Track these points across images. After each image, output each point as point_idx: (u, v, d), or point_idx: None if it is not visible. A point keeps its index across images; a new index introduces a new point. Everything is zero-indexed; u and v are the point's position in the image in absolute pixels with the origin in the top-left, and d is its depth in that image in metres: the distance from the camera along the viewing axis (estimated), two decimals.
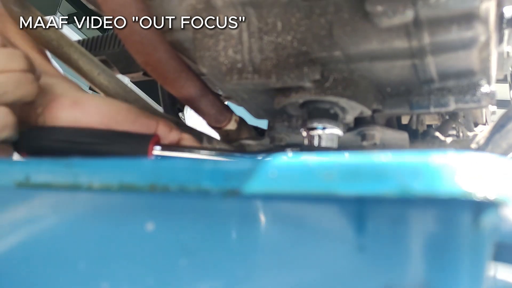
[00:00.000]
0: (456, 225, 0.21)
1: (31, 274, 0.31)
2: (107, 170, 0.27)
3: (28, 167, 0.30)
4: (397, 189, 0.20)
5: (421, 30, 0.33)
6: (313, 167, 0.22)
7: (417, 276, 0.21)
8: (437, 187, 0.19)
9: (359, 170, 0.21)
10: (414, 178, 0.19)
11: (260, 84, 0.39)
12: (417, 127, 0.57)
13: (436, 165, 0.19)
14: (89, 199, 0.29)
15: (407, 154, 0.20)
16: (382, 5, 0.32)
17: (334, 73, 0.39)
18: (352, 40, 0.36)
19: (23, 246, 0.31)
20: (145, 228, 0.27)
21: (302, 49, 0.38)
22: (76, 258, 0.29)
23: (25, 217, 0.32)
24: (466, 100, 0.38)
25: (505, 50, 0.48)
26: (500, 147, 0.45)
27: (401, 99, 0.41)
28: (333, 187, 0.21)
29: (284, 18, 0.38)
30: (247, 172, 0.23)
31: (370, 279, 0.22)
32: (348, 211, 0.23)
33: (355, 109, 0.41)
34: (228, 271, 0.25)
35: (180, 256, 0.26)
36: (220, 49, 0.40)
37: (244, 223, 0.25)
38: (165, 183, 0.25)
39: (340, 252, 0.23)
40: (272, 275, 0.24)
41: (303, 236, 0.24)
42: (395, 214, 0.22)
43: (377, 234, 0.22)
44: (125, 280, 0.28)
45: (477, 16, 0.32)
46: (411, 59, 0.36)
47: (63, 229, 0.30)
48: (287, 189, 0.22)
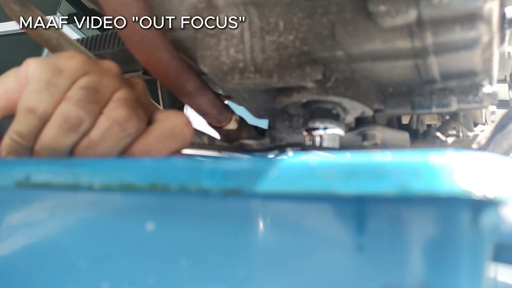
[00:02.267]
0: (455, 224, 0.21)
1: (31, 274, 0.31)
2: (108, 169, 0.27)
3: (28, 166, 0.29)
4: (396, 188, 0.20)
5: (424, 30, 0.33)
6: (313, 167, 0.22)
7: (416, 276, 0.21)
8: (436, 186, 0.19)
9: (358, 169, 0.21)
10: (414, 177, 0.20)
11: (261, 84, 0.39)
12: (417, 127, 0.57)
13: (436, 164, 0.19)
14: (89, 199, 0.29)
15: (406, 153, 0.20)
16: (385, 5, 0.32)
17: (336, 73, 0.39)
18: (355, 40, 0.36)
19: (23, 246, 0.31)
20: (146, 228, 0.27)
21: (304, 49, 0.37)
22: (77, 258, 0.29)
23: (25, 217, 0.32)
24: (468, 101, 0.38)
25: (506, 51, 0.48)
26: (501, 147, 0.45)
27: (402, 99, 0.41)
28: (333, 186, 0.21)
29: (286, 17, 0.37)
30: (248, 171, 0.23)
31: (369, 279, 0.22)
32: (348, 210, 0.23)
33: (356, 109, 0.41)
34: (229, 271, 0.25)
35: (181, 256, 0.26)
36: (221, 49, 0.40)
37: (244, 222, 0.25)
38: (165, 183, 0.25)
39: (339, 252, 0.23)
40: (272, 274, 0.24)
41: (302, 236, 0.24)
42: (394, 213, 0.22)
43: (376, 234, 0.22)
44: (126, 280, 0.28)
45: (480, 16, 0.32)
46: (414, 59, 0.36)
47: (63, 229, 0.30)
48: (288, 189, 0.22)
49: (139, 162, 0.26)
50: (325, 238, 0.23)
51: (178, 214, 0.27)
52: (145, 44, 0.39)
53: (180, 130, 0.34)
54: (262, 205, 0.25)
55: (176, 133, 0.34)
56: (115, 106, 0.32)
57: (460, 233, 0.21)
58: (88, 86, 0.31)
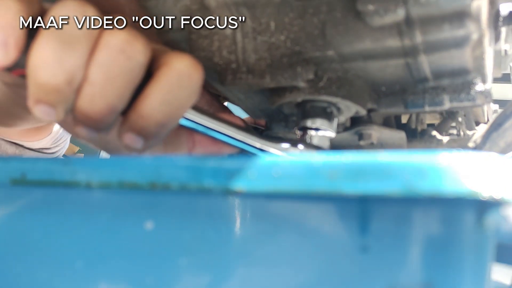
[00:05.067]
0: (460, 225, 0.21)
1: (27, 272, 0.31)
2: (107, 168, 0.27)
3: (24, 164, 0.29)
4: (402, 189, 0.20)
5: (413, 28, 0.33)
6: (318, 166, 0.21)
7: (420, 277, 0.21)
8: (442, 186, 0.19)
9: (363, 169, 0.21)
10: (420, 177, 0.19)
11: (254, 84, 0.39)
12: (416, 126, 0.57)
13: (442, 165, 0.19)
14: (87, 197, 0.29)
15: (412, 153, 0.20)
16: (373, 4, 0.32)
17: (328, 73, 0.39)
18: (345, 40, 0.36)
19: (19, 244, 0.32)
20: (145, 226, 0.27)
21: (296, 49, 0.38)
22: (74, 257, 0.29)
23: (20, 215, 0.32)
24: (461, 99, 0.38)
25: (502, 48, 0.48)
26: (498, 146, 0.45)
27: (396, 98, 0.41)
28: (338, 186, 0.21)
29: (277, 18, 0.38)
30: (250, 170, 0.23)
31: (373, 279, 0.22)
32: (352, 210, 0.23)
33: (350, 108, 0.41)
34: (230, 271, 0.25)
35: (181, 255, 0.26)
36: (214, 50, 0.40)
37: (247, 222, 0.25)
38: (165, 181, 0.25)
39: (343, 252, 0.23)
40: (275, 274, 0.24)
41: (306, 236, 0.24)
42: (398, 214, 0.22)
43: (380, 234, 0.22)
44: (124, 279, 0.28)
45: (468, 14, 0.32)
46: (405, 58, 0.36)
47: (61, 228, 0.30)
48: (291, 188, 0.22)
49: (139, 160, 0.26)
50: (329, 238, 0.23)
51: (178, 213, 0.27)
52: None
53: (187, 78, 0.29)
54: (265, 205, 0.25)
55: (182, 81, 0.29)
56: (111, 32, 0.28)
57: (464, 234, 0.21)
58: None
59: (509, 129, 0.44)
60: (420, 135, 0.53)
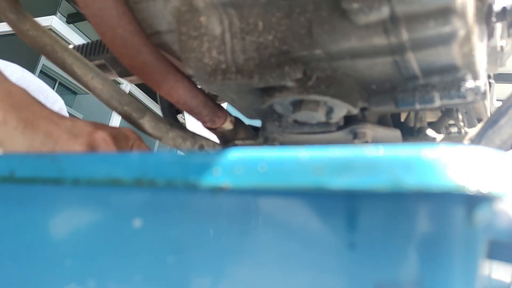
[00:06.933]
0: (449, 220, 0.20)
1: (17, 270, 0.31)
2: (93, 164, 0.27)
3: (13, 162, 0.30)
4: (389, 183, 0.19)
5: (399, 26, 0.33)
6: (303, 161, 0.21)
7: (409, 274, 0.21)
8: (429, 180, 0.19)
9: (350, 164, 0.20)
10: (406, 172, 0.19)
11: (243, 84, 0.39)
12: (415, 124, 0.57)
13: (429, 158, 0.19)
14: (75, 194, 0.29)
15: (399, 148, 0.20)
16: (357, 2, 0.32)
17: (317, 72, 0.39)
18: (332, 38, 0.36)
19: (7, 243, 0.32)
20: (133, 224, 0.27)
21: (283, 48, 0.38)
22: (62, 255, 0.29)
23: (9, 213, 0.32)
24: (451, 96, 0.38)
25: (498, 44, 0.47)
26: (494, 143, 0.44)
27: (386, 96, 0.40)
28: (324, 182, 0.21)
29: (265, 17, 0.38)
30: (236, 166, 0.23)
31: (361, 276, 0.22)
32: (339, 206, 0.22)
33: (340, 107, 0.41)
34: (217, 268, 0.25)
35: (168, 252, 0.26)
36: (204, 51, 0.40)
37: (232, 218, 0.25)
38: (151, 178, 0.25)
39: (330, 249, 0.22)
40: (261, 272, 0.24)
41: (292, 232, 0.23)
42: (386, 209, 0.21)
43: (368, 230, 0.22)
44: (112, 277, 0.28)
45: (453, 10, 0.31)
46: (392, 56, 0.36)
47: (49, 225, 0.30)
48: (277, 184, 0.22)
49: (125, 156, 0.26)
50: (316, 234, 0.23)
51: (165, 210, 0.26)
52: (128, 48, 0.40)
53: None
54: (250, 201, 0.24)
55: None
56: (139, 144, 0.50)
57: (453, 230, 0.20)
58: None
59: (504, 126, 0.43)
60: (416, 133, 0.53)
